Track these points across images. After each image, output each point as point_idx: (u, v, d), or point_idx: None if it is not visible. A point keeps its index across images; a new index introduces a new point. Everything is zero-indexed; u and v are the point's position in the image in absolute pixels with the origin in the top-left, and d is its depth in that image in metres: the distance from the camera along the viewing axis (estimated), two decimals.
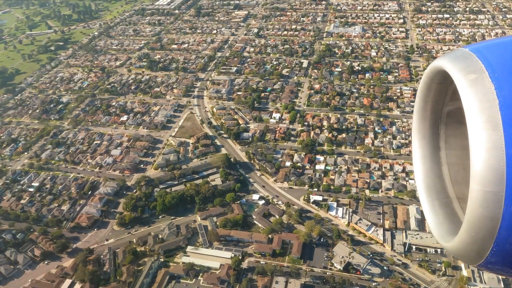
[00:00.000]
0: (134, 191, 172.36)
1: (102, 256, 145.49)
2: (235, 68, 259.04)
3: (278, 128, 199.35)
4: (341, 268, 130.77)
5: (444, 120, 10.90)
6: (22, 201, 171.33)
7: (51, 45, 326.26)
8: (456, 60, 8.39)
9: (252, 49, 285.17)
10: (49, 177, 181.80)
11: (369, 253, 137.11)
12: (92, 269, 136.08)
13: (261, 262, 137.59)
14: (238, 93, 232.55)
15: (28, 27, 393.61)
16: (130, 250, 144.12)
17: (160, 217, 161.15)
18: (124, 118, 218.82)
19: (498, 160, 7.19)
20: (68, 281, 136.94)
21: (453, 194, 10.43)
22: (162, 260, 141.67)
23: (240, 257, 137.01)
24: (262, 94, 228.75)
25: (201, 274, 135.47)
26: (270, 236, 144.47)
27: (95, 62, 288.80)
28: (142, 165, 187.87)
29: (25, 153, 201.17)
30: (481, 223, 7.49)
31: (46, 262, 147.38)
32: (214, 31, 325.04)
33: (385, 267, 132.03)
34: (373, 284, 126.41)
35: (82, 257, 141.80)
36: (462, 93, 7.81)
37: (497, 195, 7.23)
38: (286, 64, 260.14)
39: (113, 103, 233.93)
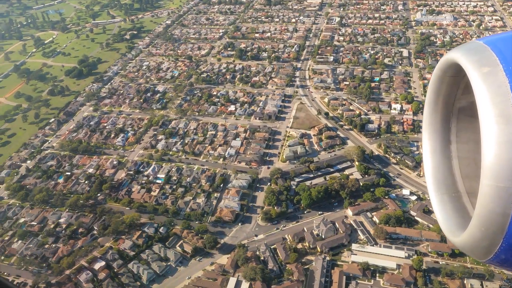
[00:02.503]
0: (269, 184, 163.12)
1: (257, 253, 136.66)
2: (331, 57, 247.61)
3: (405, 120, 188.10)
4: None
5: (455, 114, 10.61)
6: (153, 193, 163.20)
7: (124, 34, 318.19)
8: (470, 53, 8.12)
9: (341, 38, 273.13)
10: (173, 169, 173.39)
11: None
12: (260, 267, 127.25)
13: (440, 263, 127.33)
14: (345, 83, 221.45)
15: (90, 16, 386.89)
16: (291, 247, 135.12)
17: (305, 212, 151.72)
18: (232, 108, 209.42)
19: (510, 154, 6.99)
20: (232, 280, 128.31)
21: (463, 188, 10.18)
22: (328, 258, 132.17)
23: (421, 257, 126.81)
24: (372, 84, 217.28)
25: (377, 275, 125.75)
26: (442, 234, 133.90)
27: (178, 51, 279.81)
28: (267, 157, 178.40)
29: (138, 143, 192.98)
30: (491, 218, 7.26)
31: (198, 259, 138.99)
32: (293, 20, 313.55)
33: None
34: None
35: (241, 253, 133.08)
36: (475, 86, 7.54)
37: (508, 190, 7.05)
38: (385, 54, 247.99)
39: (214, 93, 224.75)
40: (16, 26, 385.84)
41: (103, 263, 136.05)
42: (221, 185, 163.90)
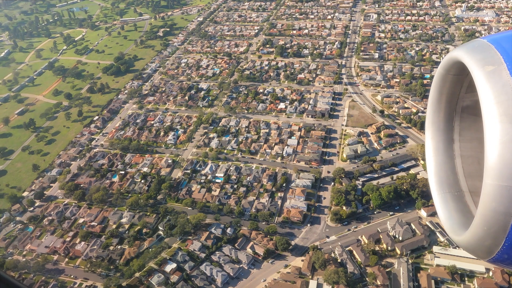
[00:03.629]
0: (333, 183, 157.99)
1: (332, 255, 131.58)
2: (376, 54, 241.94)
3: None
4: None
5: (459, 112, 10.54)
6: (214, 193, 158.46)
7: (157, 31, 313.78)
8: (474, 51, 8.02)
9: (382, 35, 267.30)
10: (231, 168, 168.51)
11: None
12: (341, 270, 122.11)
13: None
14: (395, 80, 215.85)
15: (117, 14, 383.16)
16: (368, 249, 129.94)
17: (375, 212, 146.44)
18: (282, 106, 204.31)
19: None
20: (313, 282, 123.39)
21: (466, 187, 10.09)
22: (410, 261, 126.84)
23: None
24: (424, 81, 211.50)
25: (466, 279, 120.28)
26: None
27: (215, 48, 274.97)
28: (326, 156, 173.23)
29: (189, 142, 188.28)
30: (494, 217, 7.17)
31: (270, 261, 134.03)
32: (328, 17, 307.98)
33: None
34: None
35: (319, 256, 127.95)
36: (479, 85, 7.46)
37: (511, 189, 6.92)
38: (430, 50, 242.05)
39: (260, 90, 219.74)
40: (42, 24, 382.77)
41: (174, 265, 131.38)
42: (283, 185, 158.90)
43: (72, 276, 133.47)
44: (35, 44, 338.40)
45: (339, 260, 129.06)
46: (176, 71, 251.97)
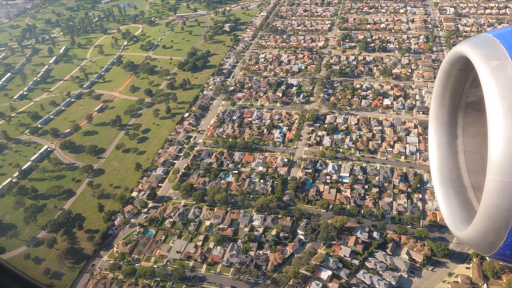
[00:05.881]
0: None
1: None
2: None
3: None
4: None
5: (463, 108, 10.48)
6: (344, 194, 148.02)
7: (222, 26, 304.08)
8: (478, 46, 7.94)
9: (467, 28, 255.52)
10: (356, 167, 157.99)
11: None
12: None
13: None
14: None
15: (169, 10, 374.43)
16: None
17: None
18: (387, 102, 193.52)
19: None
20: None
21: (469, 183, 10.08)
22: None
23: None
24: None
25: None
26: None
27: (291, 43, 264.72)
28: None
29: (298, 139, 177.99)
30: (496, 213, 7.15)
31: (430, 268, 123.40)
32: (401, 11, 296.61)
33: None
34: None
35: (494, 264, 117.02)
36: (483, 79, 7.39)
37: None
38: None
39: (357, 86, 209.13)
40: (92, 20, 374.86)
41: (329, 272, 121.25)
42: (417, 185, 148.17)
43: (217, 284, 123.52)
44: (93, 40, 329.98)
45: None
46: (257, 66, 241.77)
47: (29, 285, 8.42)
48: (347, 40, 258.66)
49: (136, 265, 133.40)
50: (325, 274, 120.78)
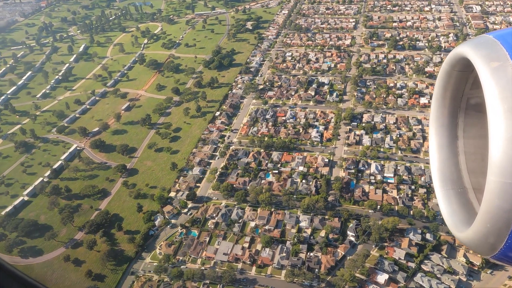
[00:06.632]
0: None
1: None
2: None
3: None
4: None
5: (463, 109, 10.39)
6: (390, 194, 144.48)
7: (244, 24, 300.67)
8: (479, 47, 7.84)
9: (497, 27, 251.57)
10: (400, 167, 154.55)
11: None
12: None
13: None
14: None
15: (186, 8, 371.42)
16: None
17: None
18: (424, 100, 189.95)
19: None
20: None
21: (469, 184, 10.02)
22: None
23: None
24: None
25: None
26: None
27: (317, 41, 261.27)
28: None
29: (336, 139, 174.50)
30: (497, 214, 7.08)
31: (489, 272, 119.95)
32: (426, 9, 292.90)
33: None
34: None
35: None
36: (484, 81, 7.33)
37: None
38: None
39: (391, 84, 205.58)
40: (109, 18, 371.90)
41: (386, 275, 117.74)
42: None
43: (269, 287, 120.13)
44: (112, 38, 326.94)
45: None
46: (284, 64, 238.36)
47: (29, 286, 8.23)
48: (374, 38, 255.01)
49: (182, 267, 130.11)
50: (381, 278, 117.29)
